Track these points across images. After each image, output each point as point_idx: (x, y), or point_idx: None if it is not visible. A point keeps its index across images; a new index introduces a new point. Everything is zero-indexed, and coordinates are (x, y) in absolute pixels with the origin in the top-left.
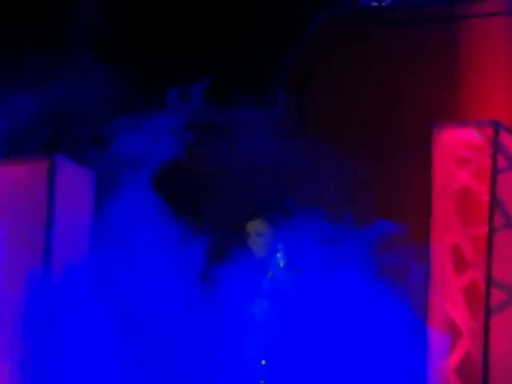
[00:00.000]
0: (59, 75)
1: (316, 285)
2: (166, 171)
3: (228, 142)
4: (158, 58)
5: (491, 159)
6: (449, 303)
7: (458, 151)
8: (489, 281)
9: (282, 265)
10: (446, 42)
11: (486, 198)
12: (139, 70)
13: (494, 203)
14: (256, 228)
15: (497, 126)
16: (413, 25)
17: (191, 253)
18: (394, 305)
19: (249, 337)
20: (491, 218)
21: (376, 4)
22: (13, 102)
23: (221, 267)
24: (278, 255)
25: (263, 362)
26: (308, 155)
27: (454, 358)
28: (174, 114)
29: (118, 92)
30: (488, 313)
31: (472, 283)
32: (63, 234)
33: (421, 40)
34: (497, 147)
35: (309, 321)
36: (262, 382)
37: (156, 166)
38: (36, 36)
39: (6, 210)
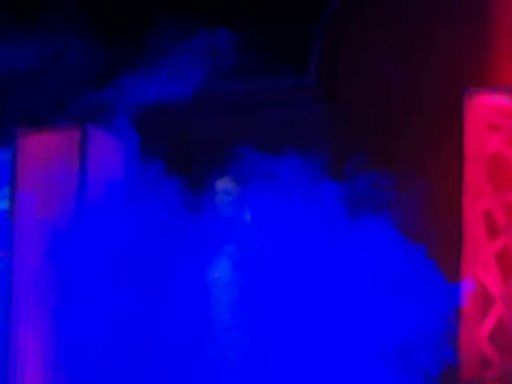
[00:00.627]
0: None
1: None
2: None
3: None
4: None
5: None
6: (481, 269)
7: (489, 117)
8: None
9: (248, 224)
10: (477, 3)
11: None
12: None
13: None
14: (224, 186)
15: None
16: None
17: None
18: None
19: (211, 298)
20: None
21: None
22: None
23: (188, 221)
24: (246, 215)
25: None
26: (339, 121)
27: (487, 325)
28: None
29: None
30: None
31: (504, 249)
32: (95, 198)
33: (450, 3)
34: None
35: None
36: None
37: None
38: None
39: (40, 177)
